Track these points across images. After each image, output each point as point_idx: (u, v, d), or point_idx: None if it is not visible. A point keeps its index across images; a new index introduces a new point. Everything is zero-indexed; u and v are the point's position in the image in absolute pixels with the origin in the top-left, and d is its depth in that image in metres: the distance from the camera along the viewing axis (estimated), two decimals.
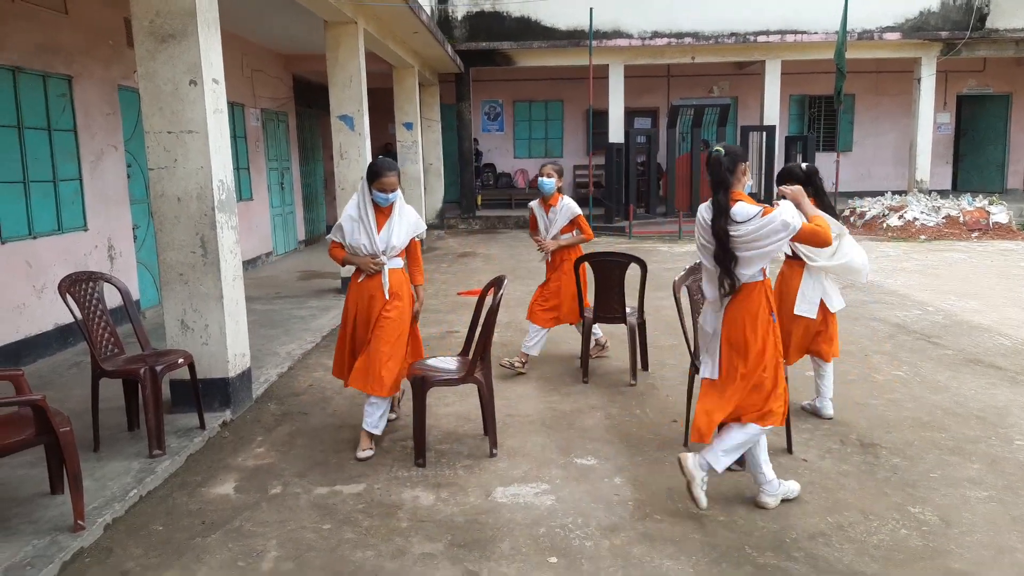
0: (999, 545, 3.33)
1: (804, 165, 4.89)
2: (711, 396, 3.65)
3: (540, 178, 5.86)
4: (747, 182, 3.65)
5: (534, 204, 6.08)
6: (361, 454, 4.37)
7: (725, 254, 3.50)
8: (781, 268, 4.82)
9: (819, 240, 3.54)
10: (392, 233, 4.38)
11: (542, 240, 5.99)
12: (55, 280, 6.32)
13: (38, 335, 6.44)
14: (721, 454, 3.59)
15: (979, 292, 8.99)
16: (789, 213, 3.49)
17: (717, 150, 3.57)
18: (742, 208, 3.49)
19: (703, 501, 3.54)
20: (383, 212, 4.41)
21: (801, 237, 3.51)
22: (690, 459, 3.59)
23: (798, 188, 3.88)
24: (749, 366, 3.56)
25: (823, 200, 4.88)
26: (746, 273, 3.52)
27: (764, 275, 3.58)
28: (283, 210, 13.21)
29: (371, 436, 4.44)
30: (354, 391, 5.58)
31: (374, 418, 4.39)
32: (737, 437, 3.60)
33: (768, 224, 3.43)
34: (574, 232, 5.94)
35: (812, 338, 4.79)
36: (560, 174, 5.91)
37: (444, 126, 17.97)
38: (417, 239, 4.62)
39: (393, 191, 4.35)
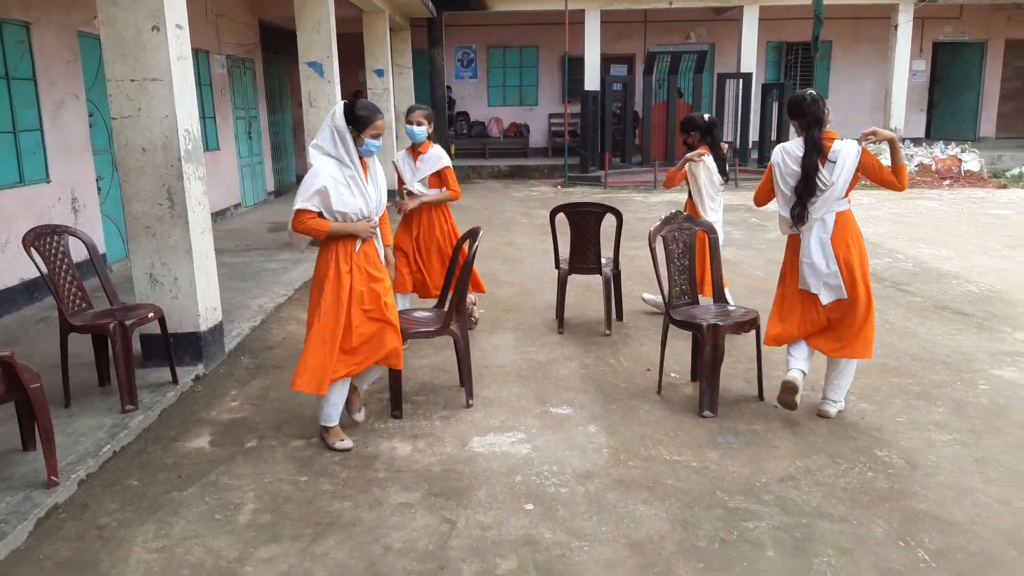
0: (962, 486, 3.43)
1: (706, 116, 5.24)
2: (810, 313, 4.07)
3: (409, 126, 5.23)
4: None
5: (400, 154, 5.44)
6: (358, 416, 4.19)
7: (808, 188, 3.92)
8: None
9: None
10: (380, 188, 3.86)
11: (405, 199, 5.37)
12: (18, 234, 6.16)
13: (3, 290, 6.32)
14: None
15: (949, 240, 9.11)
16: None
17: (811, 93, 3.96)
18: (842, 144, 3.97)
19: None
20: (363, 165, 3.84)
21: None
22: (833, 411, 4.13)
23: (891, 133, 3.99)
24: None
25: (717, 152, 5.61)
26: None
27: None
28: (251, 160, 12.96)
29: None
30: None
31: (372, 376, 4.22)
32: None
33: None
34: (441, 189, 5.44)
35: None
36: (431, 120, 5.31)
37: (416, 73, 17.61)
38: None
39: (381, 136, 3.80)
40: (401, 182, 5.45)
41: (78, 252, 4.86)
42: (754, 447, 3.84)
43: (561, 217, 5.77)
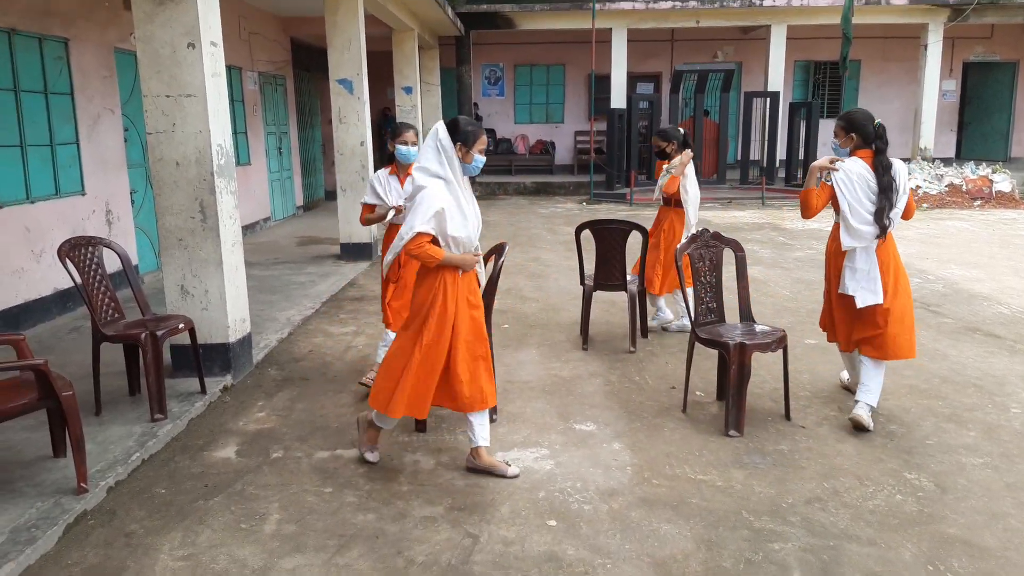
0: (993, 511, 3.37)
1: (682, 130, 5.86)
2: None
3: (402, 146, 4.73)
4: None
5: (382, 174, 4.83)
6: (372, 456, 3.93)
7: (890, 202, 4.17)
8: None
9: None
10: (477, 211, 3.69)
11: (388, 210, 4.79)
12: (54, 245, 6.31)
13: (37, 299, 6.44)
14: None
15: (980, 261, 8.98)
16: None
17: (880, 123, 4.21)
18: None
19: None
20: None
21: None
22: (864, 417, 4.16)
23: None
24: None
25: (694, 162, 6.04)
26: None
27: None
28: (281, 175, 13.14)
29: None
30: (355, 357, 5.62)
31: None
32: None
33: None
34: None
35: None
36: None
37: (444, 91, 17.81)
38: None
39: None
40: (368, 210, 4.88)
41: (111, 263, 4.96)
42: (780, 467, 3.80)
43: (587, 234, 5.78)
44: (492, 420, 4.38)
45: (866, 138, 4.23)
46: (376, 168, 4.85)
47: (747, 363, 4.15)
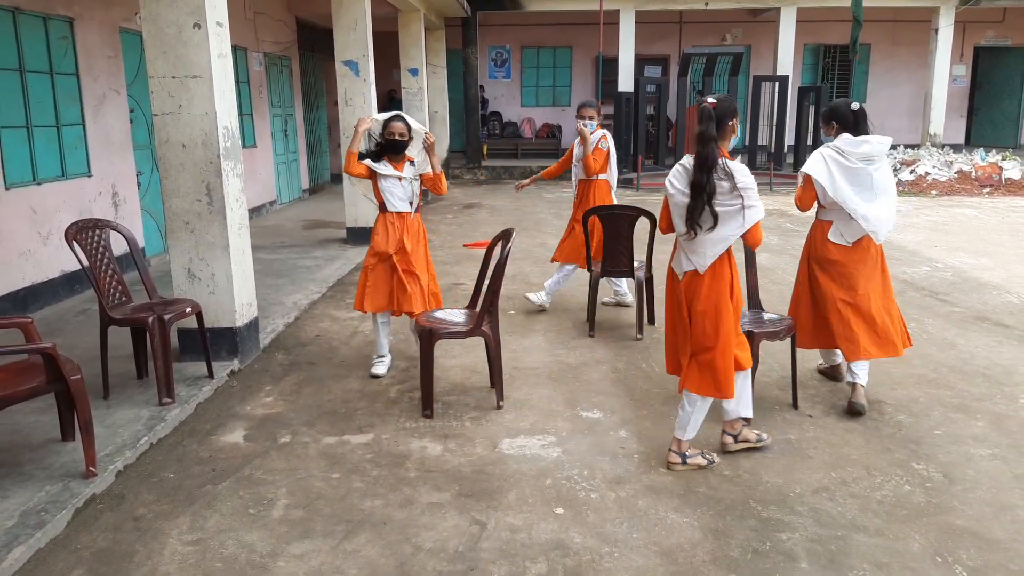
0: (1001, 502, 3.36)
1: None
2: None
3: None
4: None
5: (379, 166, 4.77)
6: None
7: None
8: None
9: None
10: None
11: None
12: (60, 227, 6.31)
13: (44, 282, 6.45)
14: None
15: (989, 249, 8.93)
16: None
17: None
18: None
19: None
20: None
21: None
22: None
23: None
24: None
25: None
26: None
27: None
28: (287, 157, 13.10)
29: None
30: (361, 342, 5.62)
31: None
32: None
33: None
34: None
35: None
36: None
37: (450, 72, 17.69)
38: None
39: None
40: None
41: (118, 246, 4.95)
42: (788, 457, 3.79)
43: (594, 219, 5.75)
44: (499, 406, 4.39)
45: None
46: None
47: (755, 351, 4.12)
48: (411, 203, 4.82)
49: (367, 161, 4.76)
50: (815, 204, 4.31)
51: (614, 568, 2.91)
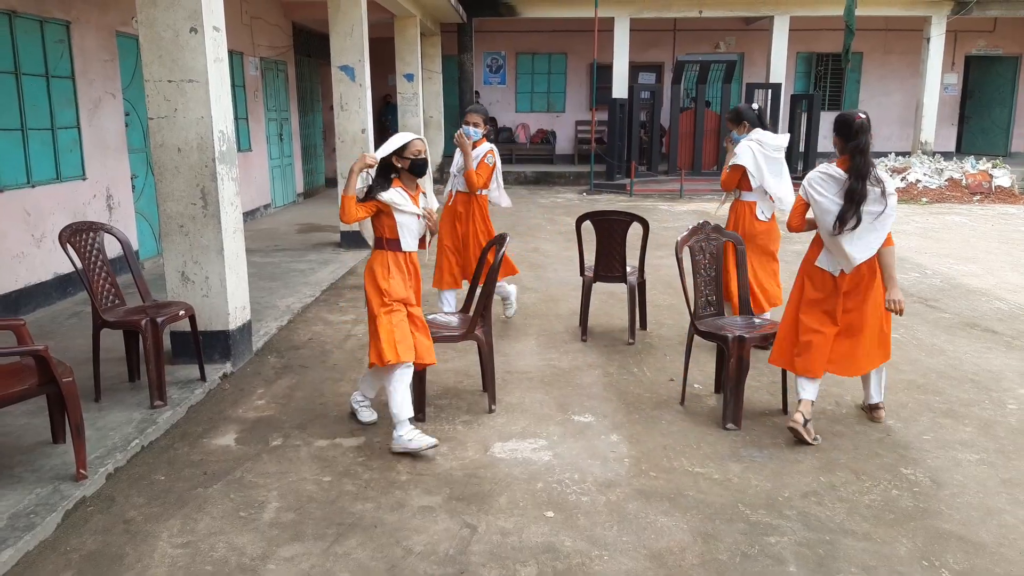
0: (988, 507, 3.39)
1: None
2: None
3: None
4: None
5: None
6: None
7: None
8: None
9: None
10: None
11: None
12: (54, 229, 6.31)
13: (37, 284, 6.44)
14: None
15: (978, 256, 8.99)
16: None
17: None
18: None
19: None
20: None
21: None
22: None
23: None
24: None
25: None
26: None
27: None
28: (282, 162, 13.11)
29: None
30: (354, 346, 5.63)
31: None
32: None
33: None
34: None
35: None
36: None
37: (445, 78, 17.74)
38: None
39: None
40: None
41: (112, 249, 4.96)
42: (777, 461, 3.82)
43: (587, 225, 5.78)
44: (491, 410, 4.40)
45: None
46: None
47: (746, 356, 4.16)
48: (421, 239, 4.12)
49: (383, 196, 3.87)
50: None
51: (604, 571, 2.93)
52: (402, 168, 3.91)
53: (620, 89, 16.37)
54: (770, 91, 16.12)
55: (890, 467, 3.76)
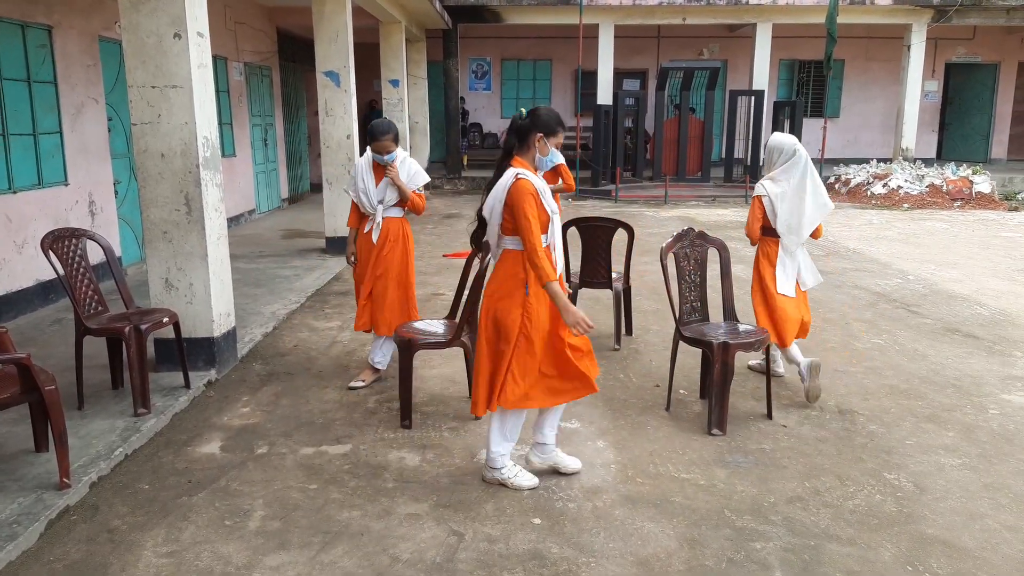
0: (971, 511, 3.42)
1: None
2: None
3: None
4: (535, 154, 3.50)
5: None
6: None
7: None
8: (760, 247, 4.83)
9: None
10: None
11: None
12: (36, 235, 6.25)
13: (19, 291, 6.37)
14: None
15: (959, 262, 9.09)
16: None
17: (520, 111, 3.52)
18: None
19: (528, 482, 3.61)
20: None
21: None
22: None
23: None
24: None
25: None
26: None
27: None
28: (266, 167, 13.05)
29: (373, 370, 4.95)
30: (339, 352, 5.61)
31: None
32: None
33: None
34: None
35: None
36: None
37: (430, 84, 17.74)
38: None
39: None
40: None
41: (94, 255, 4.92)
42: (762, 466, 3.84)
43: (572, 231, 5.79)
44: (477, 417, 4.40)
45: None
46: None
47: (730, 362, 4.18)
48: None
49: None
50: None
51: None
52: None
53: (605, 96, 16.44)
54: (753, 98, 16.25)
55: (874, 472, 3.79)
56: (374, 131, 4.62)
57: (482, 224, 3.52)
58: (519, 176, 3.34)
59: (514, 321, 3.38)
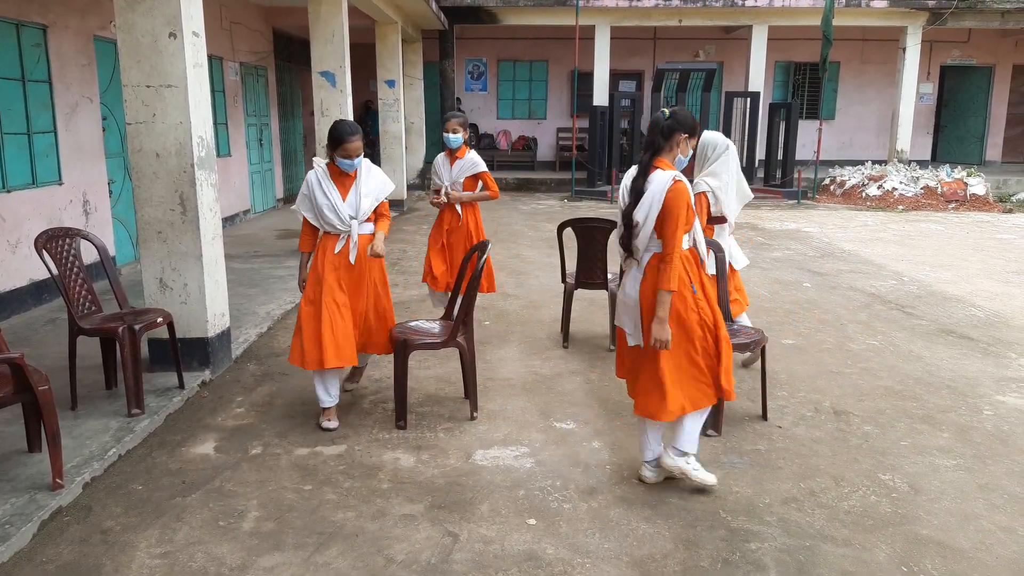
0: (965, 512, 3.43)
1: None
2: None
3: (446, 133, 5.70)
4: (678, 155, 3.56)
5: (439, 158, 5.89)
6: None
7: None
8: None
9: None
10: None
11: (440, 193, 5.79)
12: (30, 235, 6.23)
13: (12, 291, 6.34)
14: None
15: (954, 263, 9.12)
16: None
17: (662, 111, 3.51)
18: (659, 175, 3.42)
19: (711, 478, 3.56)
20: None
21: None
22: (667, 460, 3.58)
23: None
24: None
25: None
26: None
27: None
28: (261, 167, 13.02)
29: (353, 369, 4.82)
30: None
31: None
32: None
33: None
34: (478, 187, 5.87)
35: None
36: (466, 128, 5.80)
37: (426, 84, 17.73)
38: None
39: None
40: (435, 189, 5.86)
41: (88, 254, 4.90)
42: (757, 467, 3.84)
43: (568, 232, 5.80)
44: (472, 417, 4.40)
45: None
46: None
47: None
48: None
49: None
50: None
51: None
52: None
53: (601, 97, 16.45)
54: (749, 100, 16.27)
55: (869, 473, 3.79)
56: (341, 133, 4.10)
57: (628, 227, 3.48)
58: (676, 179, 3.38)
59: (694, 320, 3.43)
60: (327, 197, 4.20)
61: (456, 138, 5.69)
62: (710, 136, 4.78)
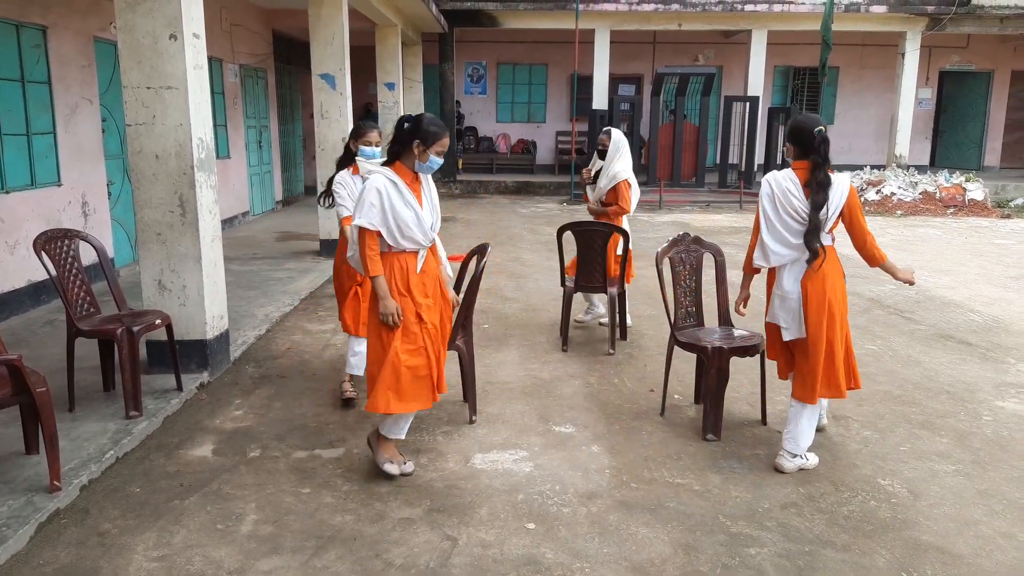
0: (965, 518, 3.42)
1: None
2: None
3: (365, 147, 4.52)
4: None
5: (344, 175, 4.63)
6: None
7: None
8: None
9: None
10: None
11: None
12: (28, 236, 6.21)
13: (10, 292, 6.33)
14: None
15: (952, 268, 9.12)
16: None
17: (820, 130, 3.71)
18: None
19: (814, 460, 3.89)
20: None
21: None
22: (784, 464, 3.84)
23: None
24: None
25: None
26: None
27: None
28: (260, 169, 13.02)
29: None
30: (333, 355, 5.59)
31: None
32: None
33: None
34: None
35: None
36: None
37: (426, 87, 17.73)
38: None
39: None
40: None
41: (87, 256, 4.89)
42: (757, 472, 3.83)
43: (568, 235, 5.79)
44: (471, 421, 4.39)
45: (804, 148, 3.75)
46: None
47: (725, 367, 4.18)
48: None
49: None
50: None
51: None
52: None
53: (600, 100, 16.47)
54: (748, 104, 16.29)
55: (868, 478, 3.78)
56: (438, 128, 3.52)
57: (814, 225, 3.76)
58: (851, 181, 3.78)
59: (843, 307, 3.89)
60: (409, 207, 3.46)
61: (375, 152, 4.52)
62: (618, 134, 6.00)
